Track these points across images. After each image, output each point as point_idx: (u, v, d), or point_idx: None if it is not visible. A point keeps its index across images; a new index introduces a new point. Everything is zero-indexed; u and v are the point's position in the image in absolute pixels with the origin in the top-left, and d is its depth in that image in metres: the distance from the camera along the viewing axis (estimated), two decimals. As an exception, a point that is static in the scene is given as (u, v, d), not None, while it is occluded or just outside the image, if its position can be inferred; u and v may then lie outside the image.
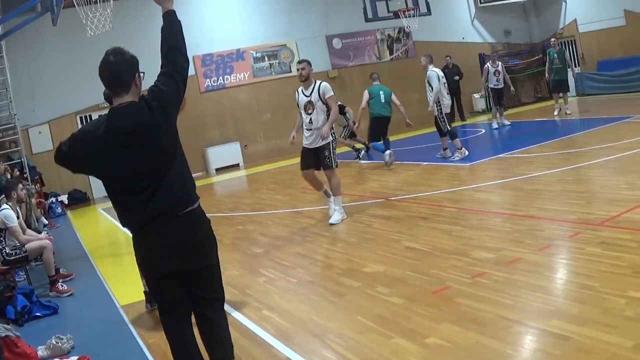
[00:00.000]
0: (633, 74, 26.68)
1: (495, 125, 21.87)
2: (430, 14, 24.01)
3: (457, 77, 26.88)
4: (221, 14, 24.63)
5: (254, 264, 9.83)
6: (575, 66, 31.04)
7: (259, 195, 16.02)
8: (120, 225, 15.11)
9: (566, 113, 21.93)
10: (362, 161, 18.77)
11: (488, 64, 22.02)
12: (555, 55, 22.16)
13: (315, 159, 11.45)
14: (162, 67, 4.89)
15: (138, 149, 4.63)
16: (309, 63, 11.58)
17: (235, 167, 23.76)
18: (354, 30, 26.89)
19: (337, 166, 11.50)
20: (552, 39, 22.70)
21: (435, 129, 16.89)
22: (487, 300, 6.44)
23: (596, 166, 12.62)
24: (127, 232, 13.86)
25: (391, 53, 28.23)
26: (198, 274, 4.93)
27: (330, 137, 11.28)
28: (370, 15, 22.47)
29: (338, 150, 12.04)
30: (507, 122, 22.06)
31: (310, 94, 11.37)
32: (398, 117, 18.23)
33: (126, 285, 9.76)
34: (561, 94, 22.68)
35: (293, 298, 7.81)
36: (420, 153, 18.70)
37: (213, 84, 24.38)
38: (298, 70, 11.61)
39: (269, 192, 16.01)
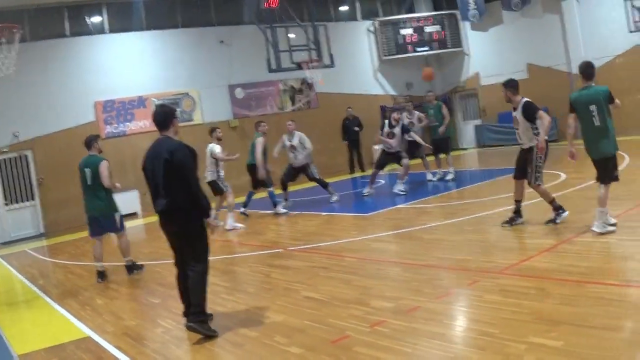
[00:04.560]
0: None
1: (430, 177, 20.36)
2: (333, 66, 24.03)
3: (357, 128, 27.09)
4: (123, 60, 24.28)
5: (151, 314, 9.65)
6: (476, 118, 31.79)
7: (157, 244, 15.58)
8: (16, 273, 14.80)
9: (446, 178, 19.83)
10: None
11: (403, 114, 20.50)
12: (432, 111, 20.25)
13: None
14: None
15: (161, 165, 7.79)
16: None
17: (133, 215, 23.13)
18: (256, 80, 26.86)
19: None
20: (429, 92, 21.42)
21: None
22: (386, 349, 6.36)
23: (496, 216, 12.74)
24: (24, 280, 13.53)
25: (293, 104, 28.26)
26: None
27: None
28: (273, 66, 22.36)
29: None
30: (436, 174, 20.43)
31: None
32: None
33: (23, 334, 9.38)
34: (442, 156, 20.44)
35: (190, 349, 7.60)
36: (319, 204, 18.61)
37: (114, 130, 23.90)
38: None
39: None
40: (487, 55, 31.06)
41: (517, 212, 11.58)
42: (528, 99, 11.29)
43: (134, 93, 24.37)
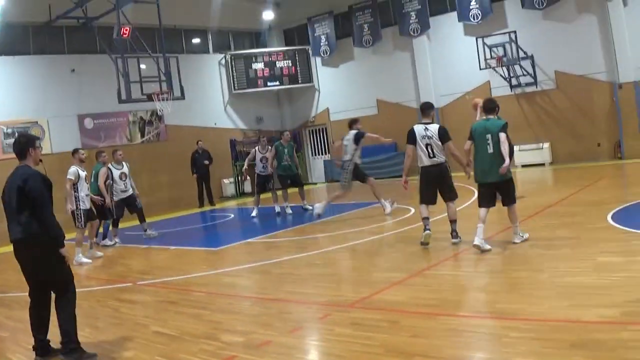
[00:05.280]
0: (382, 161, 27.95)
1: (254, 213, 20.58)
2: (184, 99, 23.89)
3: (207, 162, 26.85)
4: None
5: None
6: (326, 154, 32.22)
7: (4, 277, 15.00)
8: None
9: (304, 208, 20.50)
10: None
11: (256, 148, 21.12)
12: (286, 151, 20.39)
13: None
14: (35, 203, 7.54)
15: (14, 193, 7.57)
16: None
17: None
18: (106, 111, 26.34)
19: None
20: (286, 132, 21.84)
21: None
22: (237, 385, 6.25)
23: (345, 250, 12.92)
24: None
25: (143, 135, 27.89)
26: None
27: None
28: (124, 97, 22.02)
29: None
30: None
31: None
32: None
33: None
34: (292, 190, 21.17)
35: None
36: (168, 237, 18.35)
37: (-40, 157, 22.86)
38: None
39: (16, 273, 15.04)
40: (337, 91, 31.67)
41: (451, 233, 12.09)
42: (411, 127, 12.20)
43: (-18, 120, 23.47)
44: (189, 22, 30.36)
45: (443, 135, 11.93)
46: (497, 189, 11.18)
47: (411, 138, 12.00)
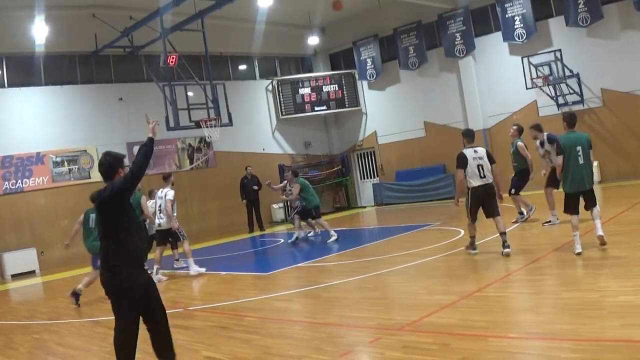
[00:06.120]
0: (431, 184, 27.87)
1: (301, 235, 21.05)
2: (232, 125, 24.00)
3: (256, 187, 26.91)
4: (22, 115, 23.56)
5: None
6: (374, 177, 32.19)
7: (55, 304, 15.19)
8: None
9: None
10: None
11: (285, 183, 21.49)
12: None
13: None
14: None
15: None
16: None
17: (31, 273, 22.43)
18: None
19: None
20: (288, 173, 21.75)
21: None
22: (289, 409, 6.25)
23: (395, 273, 12.85)
24: None
25: (191, 162, 28.10)
26: None
27: None
28: (172, 124, 22.21)
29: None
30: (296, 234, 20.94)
31: None
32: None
33: None
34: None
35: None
36: (219, 263, 18.44)
37: (11, 187, 23.10)
38: None
39: (66, 300, 15.26)
40: (384, 113, 31.63)
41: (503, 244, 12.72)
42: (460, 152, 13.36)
43: (32, 149, 23.73)
44: (235, 48, 30.63)
45: (490, 157, 13.09)
46: (584, 196, 11.89)
47: (463, 162, 13.03)
